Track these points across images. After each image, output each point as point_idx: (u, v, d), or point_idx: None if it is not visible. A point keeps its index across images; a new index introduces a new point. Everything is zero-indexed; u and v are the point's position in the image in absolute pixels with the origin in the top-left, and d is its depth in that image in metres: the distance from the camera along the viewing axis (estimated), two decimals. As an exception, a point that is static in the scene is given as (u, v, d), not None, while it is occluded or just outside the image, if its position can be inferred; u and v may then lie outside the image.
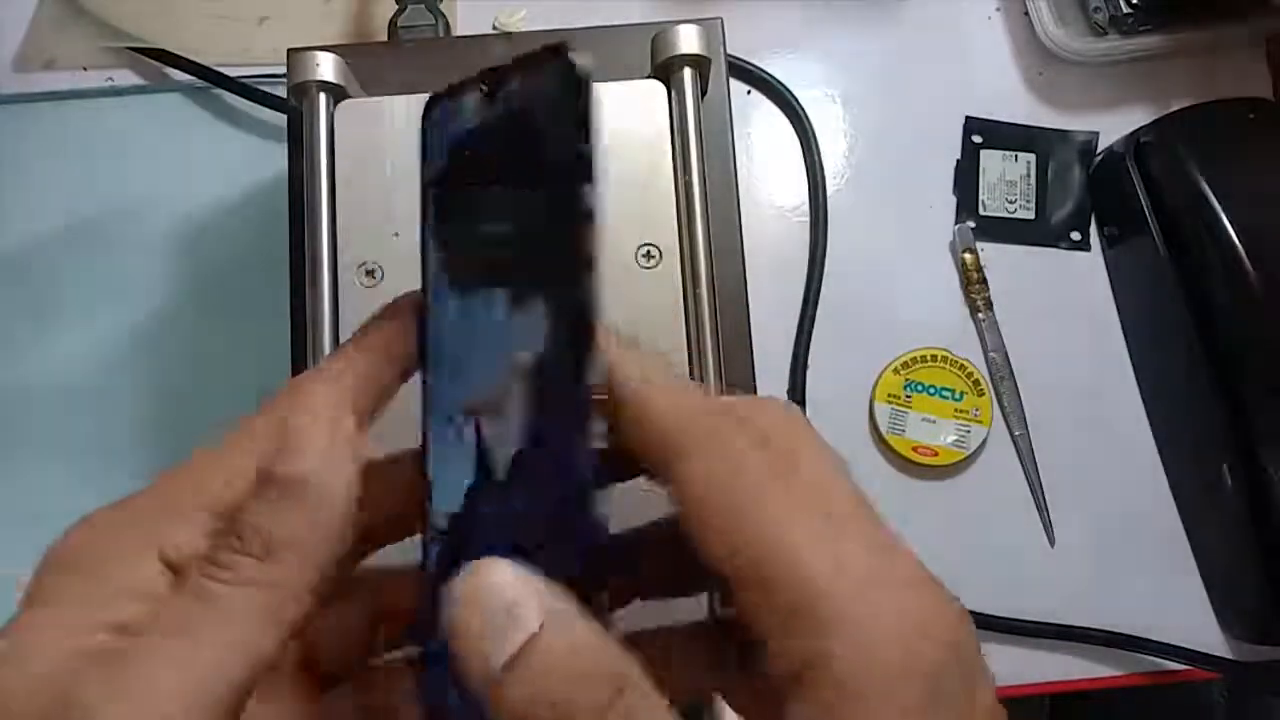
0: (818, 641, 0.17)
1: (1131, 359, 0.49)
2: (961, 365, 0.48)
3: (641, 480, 0.21)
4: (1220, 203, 0.44)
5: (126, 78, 0.52)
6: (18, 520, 0.46)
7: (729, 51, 0.40)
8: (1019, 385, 0.48)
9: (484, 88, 0.19)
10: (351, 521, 0.19)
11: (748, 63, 0.51)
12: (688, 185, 0.35)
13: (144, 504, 0.19)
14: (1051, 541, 0.47)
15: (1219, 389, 0.43)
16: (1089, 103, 0.52)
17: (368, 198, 0.36)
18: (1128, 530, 0.47)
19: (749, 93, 0.52)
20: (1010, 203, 0.51)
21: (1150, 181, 0.47)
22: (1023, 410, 0.48)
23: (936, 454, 0.47)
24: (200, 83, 0.51)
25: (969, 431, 0.47)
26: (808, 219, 0.51)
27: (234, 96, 0.51)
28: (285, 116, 0.42)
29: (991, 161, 0.51)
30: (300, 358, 0.36)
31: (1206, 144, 0.46)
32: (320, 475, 0.18)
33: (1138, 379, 0.49)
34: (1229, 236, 0.43)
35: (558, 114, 0.18)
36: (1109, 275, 0.50)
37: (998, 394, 0.48)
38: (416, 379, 0.21)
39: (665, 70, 0.37)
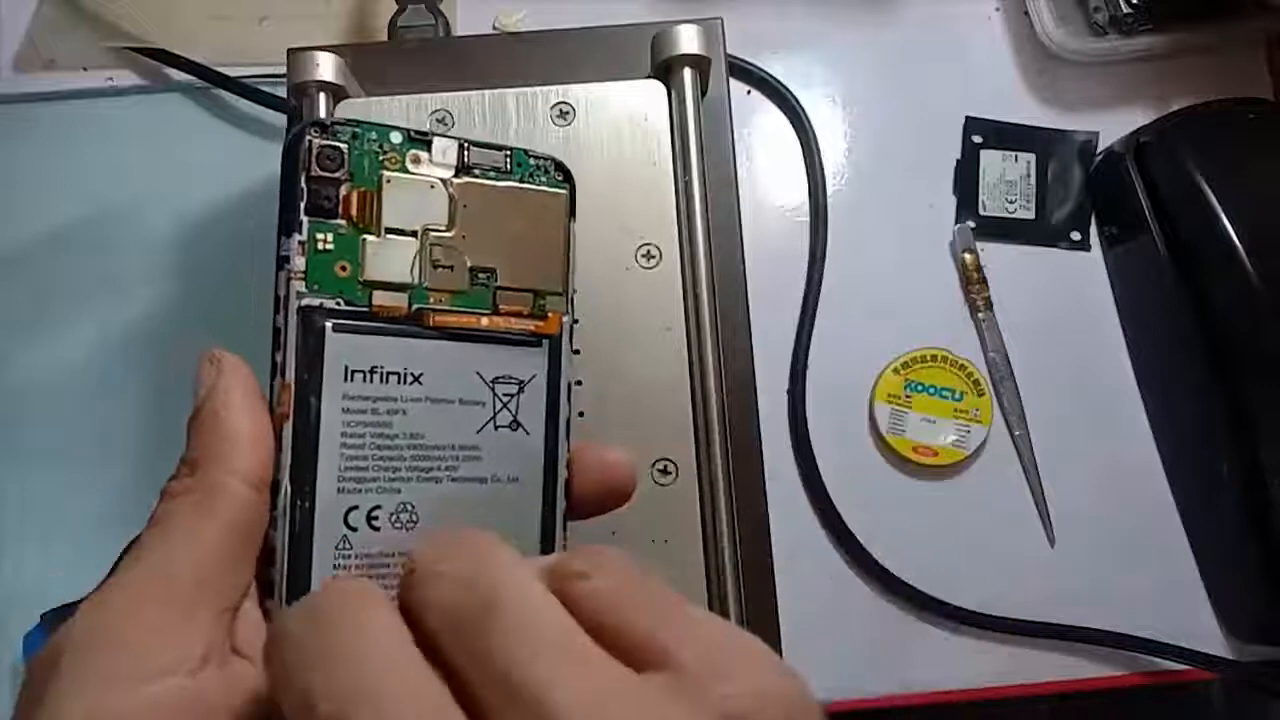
0: None
1: (1131, 359, 0.49)
2: (961, 365, 0.48)
3: None
4: (1220, 203, 0.44)
5: (126, 78, 0.52)
6: (16, 520, 0.47)
7: (729, 51, 0.40)
8: (1019, 385, 0.48)
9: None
10: (264, 429, 0.22)
11: (748, 63, 0.51)
12: (688, 185, 0.35)
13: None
14: (1051, 541, 0.47)
15: (1219, 389, 0.44)
16: (1089, 103, 0.52)
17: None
18: (1128, 530, 0.47)
19: (749, 93, 0.52)
20: (1010, 203, 0.51)
21: (1150, 181, 0.47)
22: (1023, 410, 0.48)
23: (936, 454, 0.47)
24: (200, 83, 0.51)
25: (969, 431, 0.47)
26: (808, 219, 0.51)
27: (234, 96, 0.51)
28: (285, 116, 0.42)
29: (991, 161, 0.51)
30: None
31: (1206, 144, 0.46)
32: (226, 406, 0.22)
33: (1138, 379, 0.49)
34: (1229, 236, 0.43)
35: None
36: (1109, 275, 0.50)
37: (998, 394, 0.48)
38: None
39: (665, 70, 0.37)
